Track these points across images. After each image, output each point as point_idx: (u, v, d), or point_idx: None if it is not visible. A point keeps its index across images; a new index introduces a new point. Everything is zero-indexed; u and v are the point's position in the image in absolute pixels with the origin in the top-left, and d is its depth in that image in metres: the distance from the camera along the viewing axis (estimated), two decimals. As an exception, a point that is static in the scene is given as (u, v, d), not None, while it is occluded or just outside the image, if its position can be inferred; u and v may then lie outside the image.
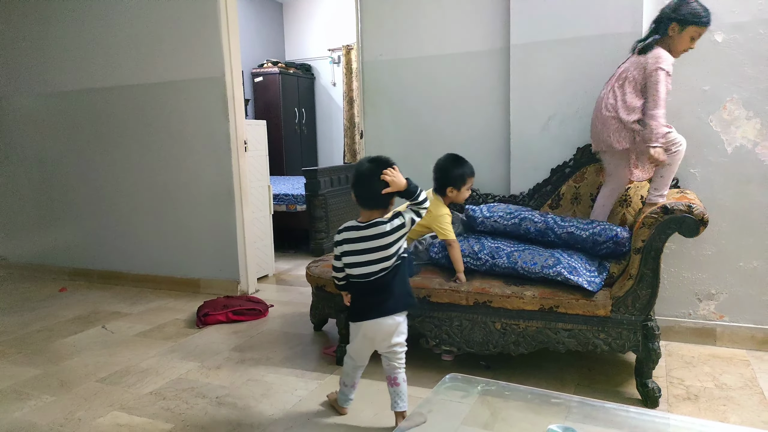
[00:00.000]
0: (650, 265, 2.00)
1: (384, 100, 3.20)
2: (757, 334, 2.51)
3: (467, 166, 2.42)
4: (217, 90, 3.54)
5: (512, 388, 1.65)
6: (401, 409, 1.93)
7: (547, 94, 2.73)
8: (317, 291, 2.63)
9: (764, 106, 2.41)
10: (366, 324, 1.90)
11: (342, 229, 1.94)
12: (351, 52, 6.76)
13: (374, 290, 1.89)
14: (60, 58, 4.07)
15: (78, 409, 2.18)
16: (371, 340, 1.93)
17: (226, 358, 2.63)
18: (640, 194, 2.45)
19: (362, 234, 1.89)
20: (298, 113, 7.06)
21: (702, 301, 2.60)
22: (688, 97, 2.52)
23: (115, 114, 3.94)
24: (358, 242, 1.89)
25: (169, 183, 3.83)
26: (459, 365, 2.45)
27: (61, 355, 2.74)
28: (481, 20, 2.90)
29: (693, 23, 2.11)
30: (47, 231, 4.40)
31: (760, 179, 2.45)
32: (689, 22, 2.11)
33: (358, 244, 1.89)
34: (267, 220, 4.16)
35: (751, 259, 2.50)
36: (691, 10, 2.11)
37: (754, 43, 2.40)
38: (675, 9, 2.13)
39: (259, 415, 2.08)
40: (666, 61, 2.11)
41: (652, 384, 2.04)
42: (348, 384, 2.05)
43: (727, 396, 2.10)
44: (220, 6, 3.45)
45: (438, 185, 2.44)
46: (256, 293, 3.70)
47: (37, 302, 3.70)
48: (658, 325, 2.04)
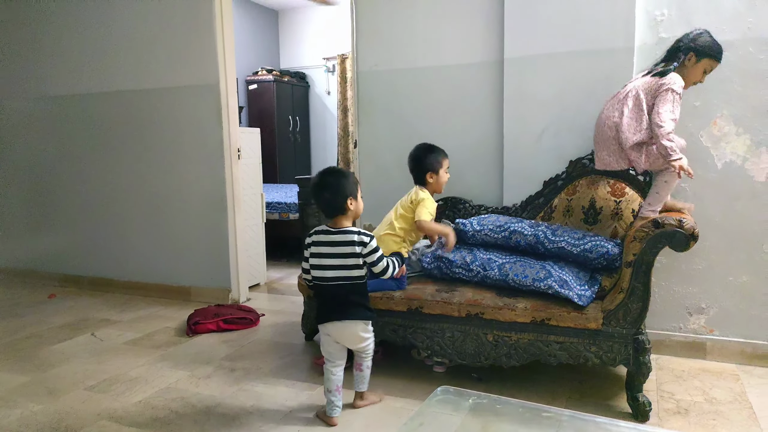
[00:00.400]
0: (641, 279, 2.01)
1: (378, 109, 3.22)
2: (747, 348, 2.53)
3: (439, 149, 2.56)
4: (211, 97, 3.54)
5: (504, 401, 1.65)
6: (359, 390, 2.18)
7: (540, 107, 2.76)
8: (309, 300, 2.62)
9: (753, 123, 2.45)
10: (326, 326, 2.07)
11: (312, 232, 2.10)
12: (346, 61, 6.79)
13: (331, 295, 2.05)
14: (52, 63, 4.05)
15: (66, 417, 2.16)
16: (335, 339, 2.07)
17: (216, 368, 2.61)
18: (632, 208, 2.47)
19: (330, 239, 2.03)
20: (292, 121, 7.07)
21: (692, 315, 2.61)
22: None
23: (108, 120, 3.92)
24: (324, 246, 2.04)
25: (161, 190, 3.81)
26: (451, 377, 2.44)
27: (49, 363, 2.71)
28: (476, 33, 2.92)
29: (709, 56, 2.15)
30: (37, 236, 4.36)
31: (749, 195, 2.48)
32: (706, 54, 2.14)
33: (323, 248, 2.04)
34: (259, 228, 4.15)
35: (740, 274, 2.53)
36: (710, 44, 2.14)
37: (743, 62, 2.43)
38: (694, 39, 2.15)
39: (248, 426, 2.06)
40: (678, 84, 2.12)
41: (642, 398, 2.05)
42: (331, 390, 2.08)
43: (716, 410, 2.11)
44: (215, 13, 3.46)
45: (417, 175, 2.56)
46: (248, 302, 3.68)
47: (25, 308, 3.66)
48: (648, 338, 2.05)
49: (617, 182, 2.55)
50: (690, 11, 2.49)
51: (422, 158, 2.53)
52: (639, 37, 2.57)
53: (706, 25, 2.46)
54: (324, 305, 2.08)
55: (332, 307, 2.04)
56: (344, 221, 2.05)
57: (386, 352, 2.70)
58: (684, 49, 2.17)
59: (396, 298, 2.34)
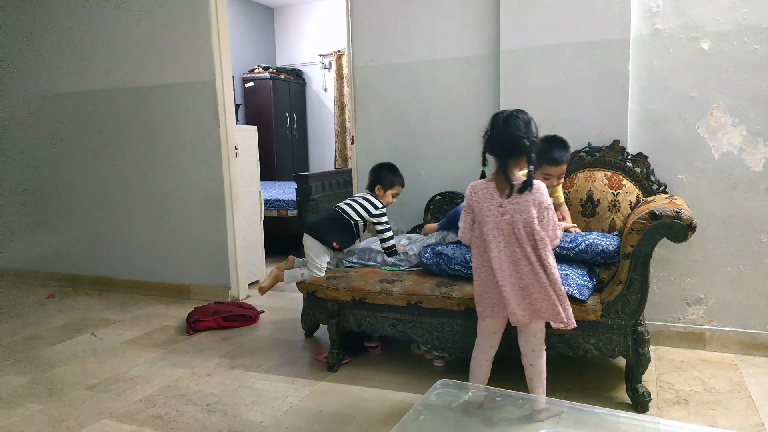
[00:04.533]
0: (639, 271, 2.02)
1: (375, 105, 3.21)
2: (745, 338, 2.54)
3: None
4: (208, 95, 3.53)
5: (503, 393, 1.65)
6: (285, 280, 2.68)
7: (536, 100, 2.76)
8: (308, 297, 2.62)
9: (749, 113, 2.45)
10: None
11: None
12: (342, 57, 6.78)
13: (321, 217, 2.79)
14: (49, 62, 4.04)
15: (67, 417, 2.16)
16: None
17: (216, 365, 2.61)
18: (629, 200, 2.48)
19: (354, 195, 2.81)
20: (289, 118, 7.05)
21: (691, 306, 2.62)
22: (676, 103, 2.55)
23: (105, 118, 3.91)
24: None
25: (159, 188, 3.81)
26: (450, 371, 2.45)
27: (49, 363, 2.71)
28: (472, 26, 2.92)
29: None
30: (36, 236, 4.35)
31: (746, 185, 2.49)
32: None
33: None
34: (258, 225, 4.15)
35: (738, 264, 2.53)
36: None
37: (738, 52, 2.43)
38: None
39: (249, 423, 2.07)
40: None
41: (642, 389, 2.05)
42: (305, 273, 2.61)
43: (716, 400, 2.12)
44: (211, 11, 3.45)
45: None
46: (247, 299, 3.69)
47: (25, 309, 3.66)
48: (647, 329, 2.06)
49: (615, 174, 2.55)
50: (685, 2, 2.49)
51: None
52: (634, 29, 2.57)
53: (701, 16, 2.47)
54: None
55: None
56: (375, 191, 2.71)
57: (386, 347, 2.71)
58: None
59: (395, 294, 2.34)
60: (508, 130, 1.75)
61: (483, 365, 1.98)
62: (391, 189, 2.72)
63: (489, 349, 1.97)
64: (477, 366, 1.99)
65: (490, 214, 1.81)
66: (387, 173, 2.73)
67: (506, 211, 1.79)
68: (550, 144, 2.23)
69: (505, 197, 1.79)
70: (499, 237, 1.81)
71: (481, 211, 1.83)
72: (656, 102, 2.59)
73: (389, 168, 2.76)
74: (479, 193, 1.84)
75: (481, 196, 1.83)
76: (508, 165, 1.78)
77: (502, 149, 1.78)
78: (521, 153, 1.75)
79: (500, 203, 1.80)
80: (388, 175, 2.73)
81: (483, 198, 1.83)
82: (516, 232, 1.79)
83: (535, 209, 1.77)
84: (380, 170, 2.75)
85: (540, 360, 1.92)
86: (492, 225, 1.81)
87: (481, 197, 1.83)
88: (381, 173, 2.73)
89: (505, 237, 1.80)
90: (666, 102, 2.57)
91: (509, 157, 1.77)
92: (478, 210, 1.84)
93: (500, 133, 1.77)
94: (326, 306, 2.51)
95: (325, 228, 2.66)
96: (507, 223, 1.79)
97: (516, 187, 1.77)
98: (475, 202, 1.84)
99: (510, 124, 1.75)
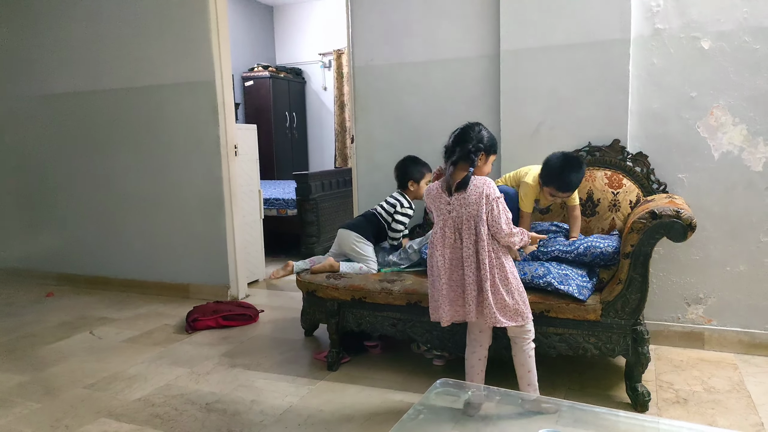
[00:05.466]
0: (639, 270, 2.01)
1: (375, 104, 3.21)
2: (744, 337, 2.54)
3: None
4: (207, 94, 3.52)
5: (503, 393, 1.65)
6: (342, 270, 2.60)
7: (536, 100, 2.75)
8: (308, 296, 2.62)
9: (749, 113, 2.45)
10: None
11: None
12: (342, 56, 6.77)
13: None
14: (48, 62, 4.03)
15: (65, 416, 2.15)
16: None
17: (215, 364, 2.61)
18: (629, 199, 2.47)
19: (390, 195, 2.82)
20: (289, 117, 7.05)
21: (690, 306, 2.62)
22: (676, 102, 2.55)
23: (104, 117, 3.91)
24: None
25: (158, 187, 3.80)
26: (450, 370, 2.45)
27: (47, 362, 2.70)
28: (472, 26, 2.92)
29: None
30: (33, 235, 4.34)
31: (746, 185, 2.48)
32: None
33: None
34: (257, 224, 4.14)
35: (737, 264, 2.53)
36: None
37: (738, 51, 2.43)
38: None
39: (249, 422, 2.07)
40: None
41: (641, 388, 2.05)
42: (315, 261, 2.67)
43: (715, 399, 2.12)
44: (210, 9, 3.44)
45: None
46: (247, 298, 3.68)
47: (22, 308, 3.65)
48: (647, 329, 2.06)
49: (615, 174, 2.55)
50: (685, 2, 2.49)
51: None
52: (635, 29, 2.57)
53: (701, 15, 2.46)
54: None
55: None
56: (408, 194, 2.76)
57: (385, 346, 2.70)
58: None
59: (395, 293, 2.34)
60: (460, 135, 1.93)
61: (475, 365, 2.01)
62: (423, 179, 2.74)
63: (479, 348, 2.00)
64: (470, 366, 2.02)
65: (439, 212, 1.92)
66: (413, 166, 2.75)
67: (453, 208, 1.88)
68: (564, 167, 2.22)
69: (451, 195, 1.89)
70: (444, 236, 1.90)
71: (434, 210, 1.95)
72: (656, 101, 2.58)
73: (412, 161, 2.77)
74: (431, 194, 1.95)
75: (433, 196, 1.94)
76: (456, 165, 1.90)
77: (452, 151, 1.92)
78: (464, 155, 1.88)
79: (448, 201, 1.89)
80: (414, 167, 2.74)
81: (434, 198, 1.94)
82: (462, 228, 1.86)
83: (484, 202, 1.84)
84: (405, 166, 2.76)
85: (528, 359, 1.95)
86: (441, 224, 1.90)
87: (432, 197, 1.94)
88: (407, 169, 2.75)
89: (450, 235, 1.89)
90: (666, 101, 2.57)
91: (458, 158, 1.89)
92: (432, 209, 1.96)
93: (455, 138, 1.95)
94: (326, 305, 2.50)
95: (367, 229, 2.69)
96: (453, 219, 1.88)
97: (452, 188, 1.88)
98: (431, 202, 1.95)
99: (463, 131, 1.94)
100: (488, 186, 1.86)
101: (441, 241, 1.90)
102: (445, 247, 1.89)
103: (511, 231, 1.85)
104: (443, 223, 1.90)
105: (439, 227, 1.91)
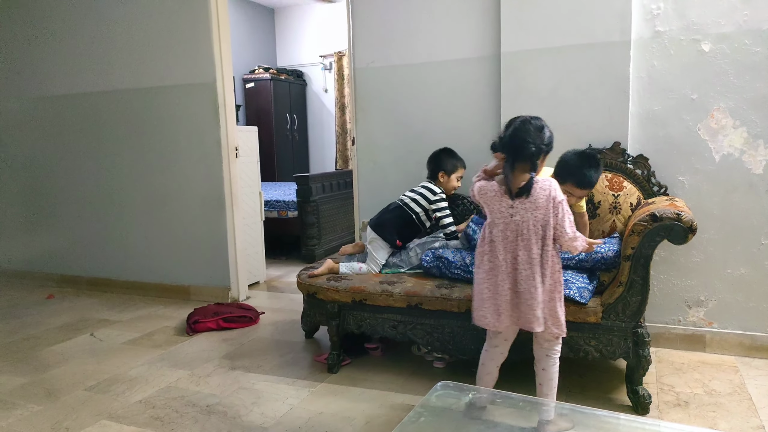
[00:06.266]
0: (640, 273, 2.01)
1: (375, 106, 3.21)
2: (745, 340, 2.54)
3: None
4: (208, 96, 3.53)
5: (504, 395, 1.65)
6: (342, 271, 2.58)
7: (537, 101, 2.75)
8: (308, 298, 2.62)
9: (750, 115, 2.45)
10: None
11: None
12: (342, 58, 6.78)
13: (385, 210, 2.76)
14: (50, 63, 4.04)
15: (65, 418, 2.15)
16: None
17: (216, 366, 2.61)
18: (630, 201, 2.47)
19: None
20: (290, 119, 7.05)
21: (691, 308, 2.62)
22: (676, 105, 2.55)
23: (105, 119, 3.91)
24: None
25: (159, 189, 3.80)
26: (450, 372, 2.45)
27: (48, 364, 2.71)
28: (472, 28, 2.92)
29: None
30: (34, 237, 4.35)
31: (746, 187, 2.48)
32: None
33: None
34: (258, 226, 4.14)
35: (738, 266, 2.53)
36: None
37: (739, 54, 2.43)
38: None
39: (249, 424, 2.07)
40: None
41: (642, 391, 2.05)
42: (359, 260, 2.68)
43: (716, 402, 2.12)
44: (212, 11, 3.45)
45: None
46: (247, 300, 3.68)
47: (23, 309, 3.65)
48: (648, 331, 2.06)
49: (615, 176, 2.55)
50: (686, 4, 2.49)
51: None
52: (635, 31, 2.57)
53: (701, 18, 2.47)
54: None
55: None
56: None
57: (386, 348, 2.70)
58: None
59: (395, 295, 2.34)
60: (519, 133, 1.75)
61: (492, 372, 1.93)
62: (455, 172, 2.71)
63: (499, 356, 1.93)
64: (486, 373, 1.93)
65: (499, 215, 1.79)
66: (446, 158, 2.71)
67: (516, 212, 1.77)
68: (583, 163, 2.16)
69: (513, 199, 1.78)
70: (506, 240, 1.78)
71: (492, 211, 1.81)
72: (657, 104, 2.59)
73: (447, 152, 2.73)
74: (488, 194, 1.82)
75: (491, 197, 1.81)
76: (515, 167, 1.76)
77: (510, 151, 1.77)
78: (526, 157, 1.75)
79: (511, 204, 1.77)
80: (448, 159, 2.70)
81: (492, 199, 1.81)
82: (525, 234, 1.76)
83: (552, 206, 1.75)
84: (438, 157, 2.72)
85: (552, 366, 1.88)
86: (502, 227, 1.79)
87: (490, 198, 1.81)
88: (440, 159, 2.71)
89: (511, 240, 1.78)
90: (667, 104, 2.57)
91: (515, 160, 1.77)
92: (489, 210, 1.83)
93: (511, 134, 1.77)
94: (326, 307, 2.50)
95: (390, 225, 2.64)
96: (516, 224, 1.77)
97: (513, 192, 1.76)
98: (486, 202, 1.83)
99: (522, 128, 1.76)
100: (554, 188, 1.76)
101: (503, 244, 1.78)
102: (507, 251, 1.78)
103: (575, 235, 1.76)
104: (504, 227, 1.78)
105: (500, 230, 1.78)
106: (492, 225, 1.82)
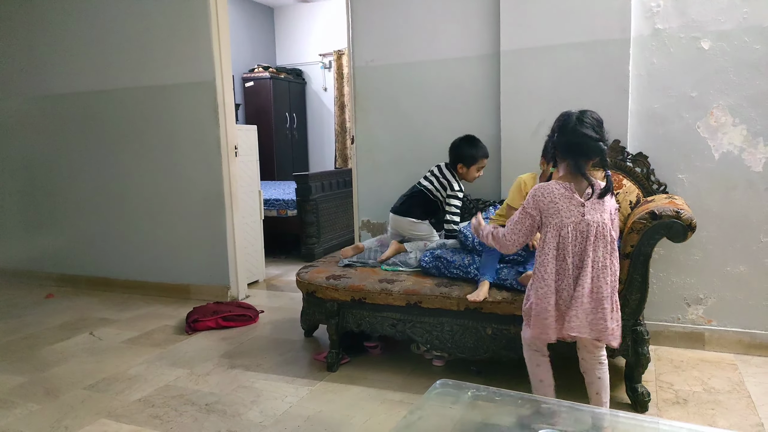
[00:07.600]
0: (639, 270, 2.01)
1: (375, 105, 3.21)
2: (744, 338, 2.53)
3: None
4: (208, 94, 3.53)
5: (503, 393, 1.65)
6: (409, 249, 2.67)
7: (537, 99, 2.75)
8: (308, 297, 2.62)
9: (749, 113, 2.44)
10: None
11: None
12: (342, 57, 6.77)
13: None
14: (49, 62, 4.03)
15: (65, 417, 2.15)
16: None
17: (215, 365, 2.61)
18: (629, 199, 2.47)
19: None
20: (289, 118, 7.05)
21: (690, 306, 2.62)
22: (676, 102, 2.55)
23: (104, 118, 3.91)
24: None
25: (158, 188, 3.80)
26: (450, 370, 2.45)
27: (47, 363, 2.71)
28: (472, 26, 2.92)
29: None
30: (34, 236, 4.35)
31: (746, 185, 2.48)
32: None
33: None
34: (257, 225, 4.14)
35: (737, 264, 2.53)
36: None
37: (739, 51, 2.43)
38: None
39: (248, 422, 2.07)
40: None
41: (641, 388, 2.05)
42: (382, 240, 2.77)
43: (715, 400, 2.12)
44: (211, 10, 3.44)
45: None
46: (247, 299, 3.68)
47: (23, 309, 3.65)
48: (647, 329, 2.06)
49: (615, 174, 2.54)
50: (685, 2, 2.49)
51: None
52: (635, 29, 2.57)
53: (701, 15, 2.46)
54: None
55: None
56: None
57: (385, 347, 2.70)
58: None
59: (395, 294, 2.34)
60: (582, 130, 1.68)
61: (545, 378, 1.88)
62: (475, 164, 2.62)
63: (544, 361, 1.88)
64: (548, 384, 1.88)
65: (570, 215, 1.69)
66: (467, 148, 2.62)
67: (587, 212, 1.69)
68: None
69: (585, 198, 1.71)
70: (575, 240, 1.70)
71: (559, 212, 1.70)
72: (656, 102, 2.58)
73: (468, 142, 2.64)
74: (554, 194, 1.71)
75: (558, 197, 1.70)
76: (584, 166, 1.70)
77: (576, 150, 1.70)
78: (596, 155, 1.70)
79: (582, 203, 1.70)
80: (468, 150, 2.61)
81: (560, 199, 1.70)
82: (594, 235, 1.69)
83: (609, 212, 1.73)
84: (459, 147, 2.64)
85: (606, 372, 1.83)
86: (572, 227, 1.69)
87: (557, 198, 1.70)
88: (461, 150, 2.62)
89: (580, 241, 1.70)
90: (666, 102, 2.57)
91: (584, 158, 1.69)
92: (554, 212, 1.71)
93: (573, 133, 1.69)
94: (326, 306, 2.50)
95: (414, 209, 2.67)
96: (587, 224, 1.69)
97: (596, 190, 1.70)
98: (550, 203, 1.71)
99: (584, 124, 1.69)
100: (613, 194, 1.73)
101: (571, 248, 1.69)
102: (574, 255, 1.70)
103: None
104: (573, 227, 1.69)
105: (569, 230, 1.69)
106: (560, 227, 1.70)
